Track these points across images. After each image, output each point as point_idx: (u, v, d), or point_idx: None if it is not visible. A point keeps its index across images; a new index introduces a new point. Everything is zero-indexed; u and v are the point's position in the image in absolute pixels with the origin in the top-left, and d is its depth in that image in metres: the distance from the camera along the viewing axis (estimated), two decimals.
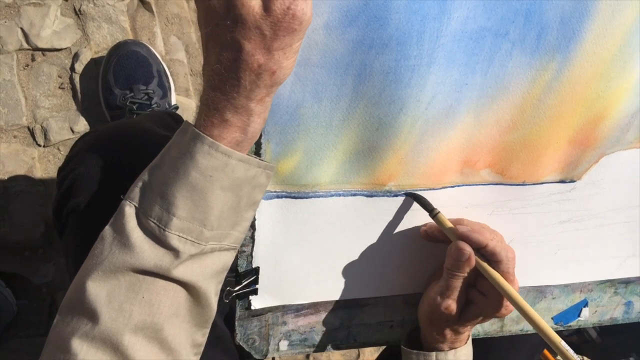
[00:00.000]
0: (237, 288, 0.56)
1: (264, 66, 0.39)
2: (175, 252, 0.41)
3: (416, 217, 0.58)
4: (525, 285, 0.66)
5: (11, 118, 0.95)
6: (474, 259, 0.52)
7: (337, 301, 0.61)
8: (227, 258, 0.46)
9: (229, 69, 0.39)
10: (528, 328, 0.70)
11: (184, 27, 1.04)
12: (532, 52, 0.51)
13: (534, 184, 0.59)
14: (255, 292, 0.57)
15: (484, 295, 0.55)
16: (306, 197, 0.53)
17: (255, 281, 0.57)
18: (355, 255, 0.58)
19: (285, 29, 0.38)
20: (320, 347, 0.65)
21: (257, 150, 0.49)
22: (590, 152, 0.59)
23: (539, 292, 0.68)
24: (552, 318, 0.71)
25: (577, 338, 1.11)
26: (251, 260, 0.56)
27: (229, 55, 0.39)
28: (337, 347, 0.65)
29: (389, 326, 0.65)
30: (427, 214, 0.56)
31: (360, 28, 0.45)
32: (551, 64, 0.52)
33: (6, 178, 0.96)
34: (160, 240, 0.41)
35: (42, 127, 0.97)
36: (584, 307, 0.71)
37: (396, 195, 0.56)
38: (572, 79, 0.53)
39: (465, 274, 0.53)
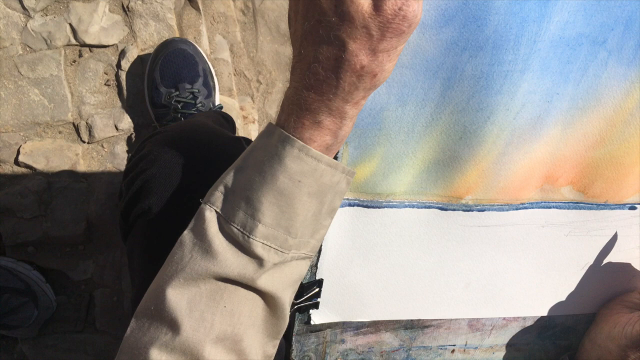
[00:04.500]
0: (299, 300, 0.53)
1: (367, 68, 0.36)
2: (259, 261, 0.38)
3: (489, 236, 0.54)
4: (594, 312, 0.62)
5: (57, 113, 0.94)
6: None
7: (399, 321, 0.58)
8: (303, 267, 0.43)
9: (328, 68, 0.36)
10: None
11: (230, 26, 1.03)
12: (629, 62, 0.48)
13: (616, 204, 0.56)
14: (316, 305, 0.54)
15: None
16: (379, 207, 0.50)
17: (318, 294, 0.54)
18: (423, 272, 0.55)
19: (394, 30, 0.36)
20: None
21: None
22: None
23: None
24: None
25: None
26: (315, 272, 0.53)
27: (331, 54, 0.36)
28: None
29: (450, 350, 0.61)
30: (498, 230, 0.52)
31: (456, 28, 0.42)
32: None
33: (50, 173, 0.95)
34: (243, 247, 0.38)
35: (87, 123, 0.96)
36: None
37: (471, 210, 0.52)
38: None
39: None
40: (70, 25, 0.93)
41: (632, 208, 0.56)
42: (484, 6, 0.41)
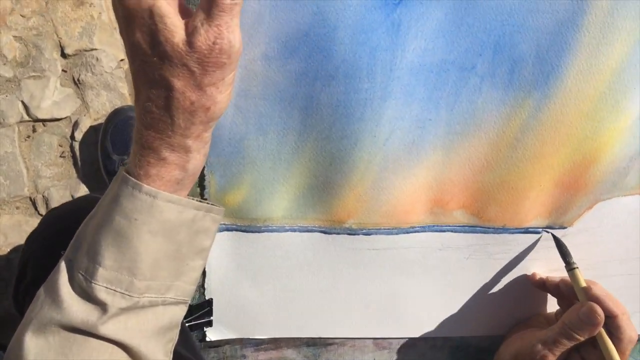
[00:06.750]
0: (189, 319, 0.54)
1: (197, 103, 0.37)
2: (102, 306, 0.37)
3: (382, 258, 0.54)
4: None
5: (13, 190, 0.96)
6: (601, 326, 0.48)
7: (299, 338, 0.58)
8: (175, 313, 0.41)
9: (161, 107, 0.37)
10: None
11: None
12: (505, 87, 0.46)
13: (516, 229, 0.54)
14: (209, 323, 0.55)
15: None
16: (258, 232, 0.51)
17: (209, 313, 0.55)
18: (318, 294, 0.55)
19: (214, 64, 0.36)
20: None
21: (200, 182, 0.47)
22: (581, 197, 0.53)
23: None
24: None
25: None
26: (204, 292, 0.54)
27: (160, 93, 0.36)
28: None
29: None
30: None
31: (302, 59, 0.42)
32: (527, 101, 0.47)
33: (9, 250, 0.96)
34: (87, 293, 0.37)
35: (43, 196, 0.97)
36: None
37: (357, 234, 0.52)
38: (553, 117, 0.48)
39: (582, 339, 0.49)
40: (23, 102, 0.94)
41: (535, 232, 0.54)
42: (326, 37, 0.41)
